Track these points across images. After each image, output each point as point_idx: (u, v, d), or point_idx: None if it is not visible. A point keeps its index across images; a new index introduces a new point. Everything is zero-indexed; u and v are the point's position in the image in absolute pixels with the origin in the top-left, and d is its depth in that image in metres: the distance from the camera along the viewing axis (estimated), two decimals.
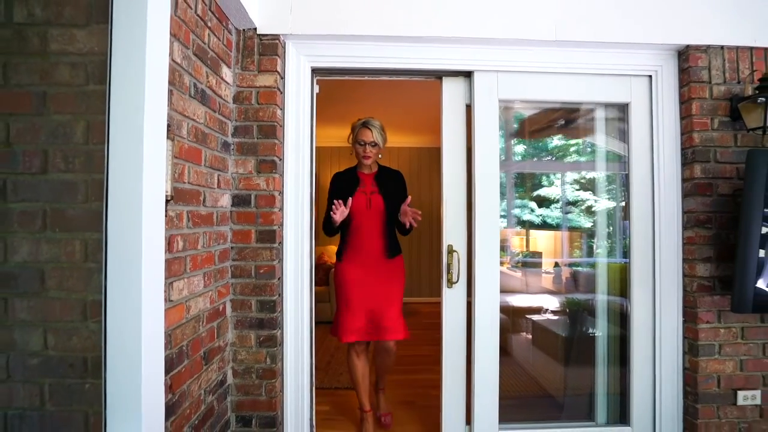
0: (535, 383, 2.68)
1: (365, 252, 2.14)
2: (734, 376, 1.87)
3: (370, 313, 2.10)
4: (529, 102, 2.10)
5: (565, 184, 2.52)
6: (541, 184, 2.68)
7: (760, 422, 1.87)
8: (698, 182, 1.88)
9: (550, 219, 3.00)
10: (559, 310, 2.91)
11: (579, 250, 2.61)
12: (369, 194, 2.14)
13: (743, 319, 1.87)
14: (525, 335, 3.18)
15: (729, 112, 1.89)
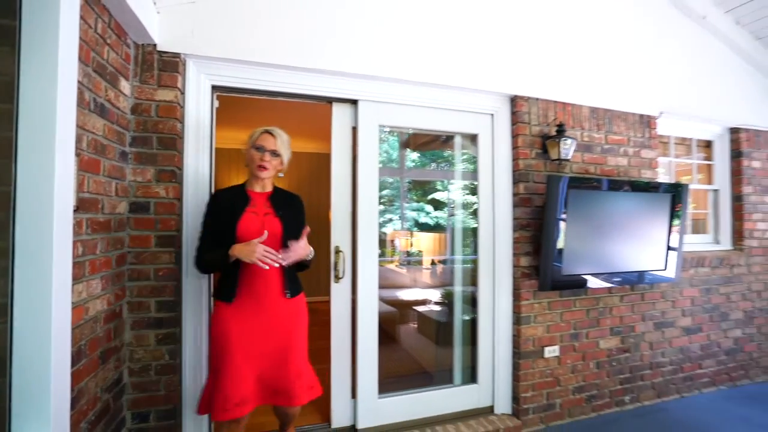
0: (415, 363, 3.20)
1: (258, 291, 1.65)
2: (543, 337, 2.59)
3: (261, 374, 1.63)
4: (403, 128, 2.56)
5: (449, 192, 3.08)
6: (435, 188, 3.23)
7: (559, 367, 2.63)
8: (522, 196, 2.55)
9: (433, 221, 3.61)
10: (436, 300, 3.51)
11: (449, 248, 3.20)
12: (262, 215, 1.69)
13: (549, 295, 2.60)
14: (411, 324, 3.73)
15: (541, 147, 2.60)
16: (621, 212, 2.63)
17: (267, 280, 1.67)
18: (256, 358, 1.63)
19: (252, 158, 1.72)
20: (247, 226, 1.65)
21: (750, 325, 3.37)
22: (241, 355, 1.60)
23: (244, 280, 1.65)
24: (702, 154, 3.54)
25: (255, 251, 1.53)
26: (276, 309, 1.68)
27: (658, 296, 2.98)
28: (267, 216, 1.71)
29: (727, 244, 3.46)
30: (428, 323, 3.44)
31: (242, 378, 1.59)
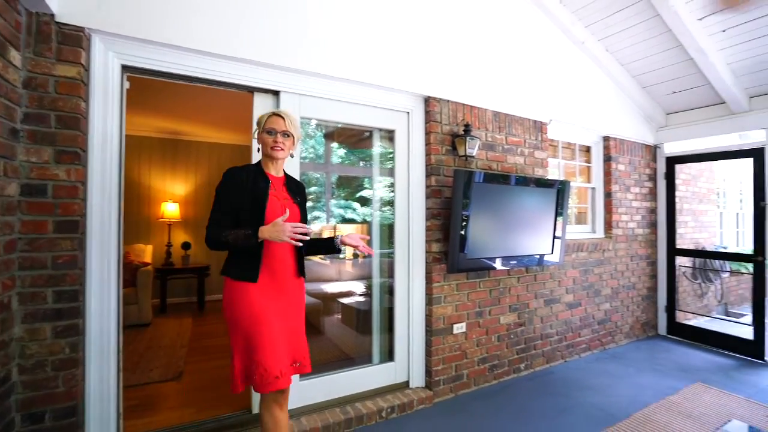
0: (338, 350, 3.32)
1: (277, 272, 1.70)
2: (452, 316, 2.89)
3: (291, 347, 1.72)
4: (325, 121, 2.67)
5: (374, 188, 3.22)
6: (363, 186, 3.33)
7: (466, 342, 2.95)
8: (434, 188, 2.82)
9: (360, 217, 3.75)
10: (359, 291, 3.66)
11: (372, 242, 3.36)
12: (282, 200, 1.74)
13: (457, 278, 2.91)
14: (336, 315, 3.84)
15: (451, 144, 2.89)
16: (518, 204, 3.03)
17: (285, 262, 1.73)
18: (285, 333, 1.69)
19: (265, 142, 1.73)
20: (274, 209, 1.68)
21: (615, 299, 4.08)
22: (276, 330, 1.64)
23: (267, 262, 1.68)
24: (584, 157, 4.18)
25: (285, 230, 1.56)
26: (291, 288, 1.75)
27: (547, 277, 3.48)
28: (287, 202, 1.75)
29: (601, 233, 4.14)
30: (351, 313, 3.59)
31: (279, 351, 1.63)
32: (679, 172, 4.60)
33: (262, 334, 1.60)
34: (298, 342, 1.76)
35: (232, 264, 1.68)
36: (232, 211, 1.66)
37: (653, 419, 2.53)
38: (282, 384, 1.61)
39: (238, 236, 1.59)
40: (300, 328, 1.79)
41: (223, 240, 1.60)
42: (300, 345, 1.76)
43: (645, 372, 3.34)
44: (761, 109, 3.74)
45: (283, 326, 1.68)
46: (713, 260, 5.19)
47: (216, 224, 1.65)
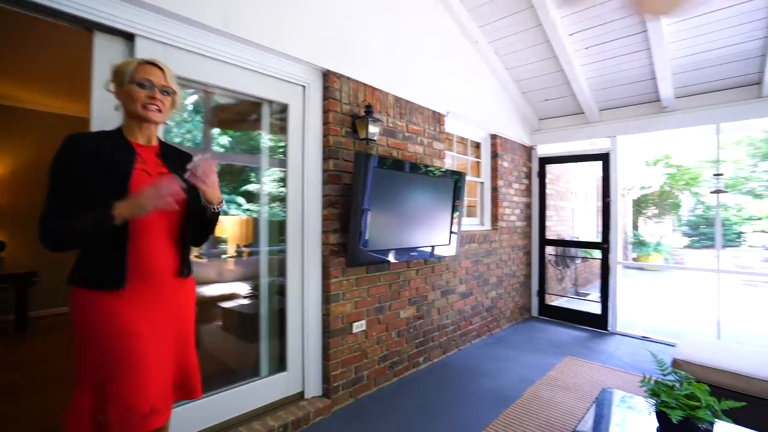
0: (219, 363, 2.78)
1: (153, 270, 1.28)
2: (351, 313, 2.64)
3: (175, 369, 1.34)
4: (200, 83, 2.15)
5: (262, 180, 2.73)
6: (249, 179, 2.78)
7: (366, 341, 2.74)
8: (332, 173, 2.53)
9: (246, 214, 3.18)
10: (243, 293, 3.13)
11: (259, 238, 2.90)
12: (157, 176, 1.31)
13: (357, 272, 2.67)
14: (215, 323, 3.24)
15: (351, 125, 2.64)
16: (419, 194, 2.94)
17: (160, 256, 1.30)
18: (165, 353, 1.28)
19: (134, 97, 1.27)
20: (140, 186, 1.21)
21: (500, 287, 4.38)
22: (150, 352, 1.22)
23: (137, 260, 1.24)
24: (474, 153, 4.38)
25: (159, 192, 1.14)
26: (171, 292, 1.33)
27: (444, 268, 3.50)
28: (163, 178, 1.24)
29: (488, 225, 4.39)
30: (234, 318, 3.07)
31: (153, 379, 1.22)
32: (547, 172, 5.18)
33: (127, 359, 1.19)
34: (185, 361, 1.38)
35: (83, 267, 1.23)
36: (77, 195, 1.19)
37: (539, 395, 2.69)
38: (155, 422, 1.21)
39: (87, 223, 1.15)
40: (187, 343, 1.40)
41: (64, 230, 1.16)
42: (187, 365, 1.39)
43: (527, 352, 3.61)
44: (607, 121, 4.40)
45: (162, 344, 1.28)
46: (570, 248, 6.04)
47: (53, 214, 1.17)
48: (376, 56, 2.84)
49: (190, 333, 1.42)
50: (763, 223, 11.16)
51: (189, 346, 1.40)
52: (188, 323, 1.41)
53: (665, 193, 12.26)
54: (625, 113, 4.27)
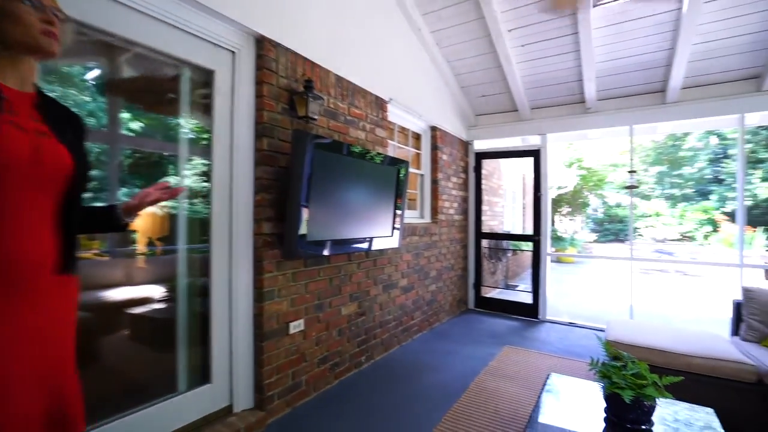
0: (126, 379, 2.30)
1: (21, 262, 0.91)
2: (288, 312, 2.35)
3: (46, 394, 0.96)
4: (106, 33, 1.71)
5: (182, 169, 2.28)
6: (167, 172, 2.28)
7: (304, 342, 2.47)
8: (266, 153, 2.22)
9: (161, 211, 2.66)
10: (156, 297, 2.65)
11: (178, 234, 2.47)
12: (33, 134, 0.94)
13: (294, 266, 2.39)
14: (123, 332, 2.71)
15: (288, 102, 2.35)
16: (362, 181, 2.73)
17: (34, 244, 0.94)
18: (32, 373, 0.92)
19: (20, 18, 0.92)
20: (9, 146, 0.88)
21: (440, 280, 4.36)
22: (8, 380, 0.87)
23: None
24: (414, 145, 4.30)
25: None
26: (45, 294, 0.96)
27: (386, 262, 3.35)
28: (42, 138, 0.95)
29: (428, 218, 4.34)
30: (145, 326, 2.59)
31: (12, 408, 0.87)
32: (482, 168, 5.31)
33: None
34: (60, 387, 0.99)
35: None
36: None
37: (485, 387, 2.65)
38: None
39: None
40: (64, 363, 1.02)
41: None
42: (64, 388, 1.00)
43: (468, 344, 3.61)
44: (538, 119, 4.61)
45: (30, 361, 0.92)
46: (502, 242, 6.30)
47: None
48: (318, 29, 2.57)
49: (69, 349, 1.04)
50: (652, 219, 12.91)
51: (66, 367, 1.03)
52: (66, 336, 1.04)
53: (577, 193, 13.58)
54: (554, 112, 4.51)
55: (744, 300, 2.67)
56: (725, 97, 3.65)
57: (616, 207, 13.57)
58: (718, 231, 11.80)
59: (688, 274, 9.35)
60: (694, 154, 14.57)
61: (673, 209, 13.07)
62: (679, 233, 12.46)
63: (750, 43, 3.27)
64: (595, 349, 3.54)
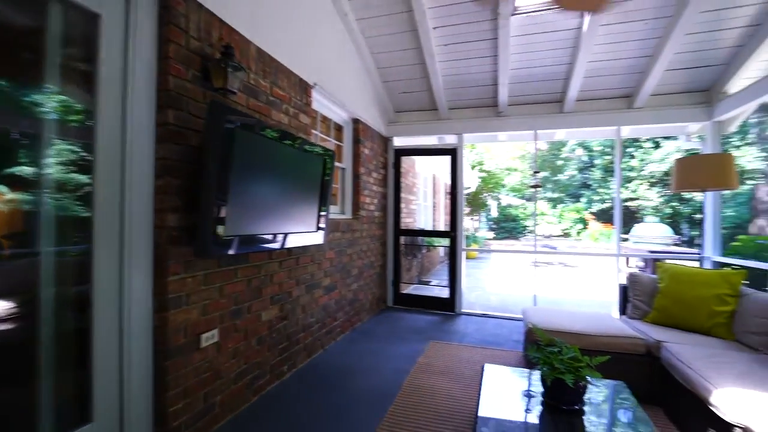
0: None
1: None
2: (199, 322, 1.96)
3: None
4: None
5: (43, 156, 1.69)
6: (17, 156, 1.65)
7: (219, 356, 2.09)
8: (172, 129, 1.80)
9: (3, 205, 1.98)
10: (2, 315, 1.98)
11: (40, 234, 1.88)
12: None
13: (206, 266, 2.01)
14: None
15: (201, 69, 1.96)
16: (287, 170, 2.44)
17: None
18: None
19: None
20: None
21: (361, 278, 4.23)
22: None
23: None
24: (336, 137, 4.09)
25: None
26: None
27: (309, 260, 3.08)
28: None
29: (349, 214, 4.18)
30: None
31: None
32: (401, 165, 5.33)
33: None
34: None
35: None
36: None
37: (418, 385, 2.59)
38: None
39: None
40: None
41: None
42: None
43: (393, 342, 3.54)
44: (455, 119, 4.79)
45: None
46: (417, 239, 6.44)
47: None
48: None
49: None
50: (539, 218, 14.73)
51: None
52: None
53: (477, 194, 14.80)
54: (469, 113, 4.72)
55: (629, 283, 3.08)
56: (607, 111, 4.23)
57: (510, 208, 15.20)
58: (587, 228, 14.06)
59: (568, 265, 10.87)
60: (563, 163, 17.07)
61: (554, 210, 15.20)
62: (560, 230, 14.54)
63: (627, 67, 3.82)
64: (509, 336, 3.79)
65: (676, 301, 2.66)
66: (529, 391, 1.87)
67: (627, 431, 1.56)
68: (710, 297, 2.53)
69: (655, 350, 2.40)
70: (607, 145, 15.82)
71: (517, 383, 1.99)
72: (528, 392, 1.86)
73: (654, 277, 2.95)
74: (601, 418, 1.66)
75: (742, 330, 2.39)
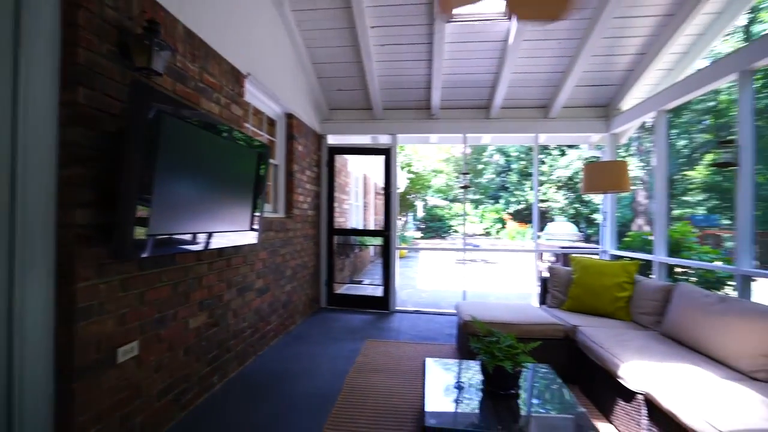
0: None
1: None
2: (115, 334, 1.71)
3: None
4: None
5: None
6: None
7: (139, 371, 1.85)
8: (83, 111, 1.54)
9: None
10: None
11: None
12: None
13: (124, 269, 1.76)
14: None
15: (118, 45, 1.71)
16: (217, 162, 2.24)
17: None
18: None
19: None
20: None
21: (294, 279, 4.08)
22: None
23: None
24: (268, 132, 3.88)
25: None
26: None
27: (241, 261, 2.88)
28: None
29: (282, 213, 4.00)
30: None
31: None
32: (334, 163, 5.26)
33: None
34: None
35: None
36: None
37: (359, 384, 2.56)
38: None
39: None
40: None
41: None
42: None
43: (329, 344, 3.46)
44: (390, 120, 4.87)
45: None
46: (350, 238, 6.41)
47: None
48: None
49: None
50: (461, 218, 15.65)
51: None
52: None
53: (405, 195, 15.22)
54: (404, 115, 4.83)
55: (549, 276, 3.41)
56: (527, 119, 4.64)
57: (436, 208, 15.95)
58: (506, 227, 15.33)
59: (489, 261, 11.69)
60: (483, 167, 18.41)
61: (476, 210, 16.32)
62: (482, 230, 15.65)
63: (544, 80, 4.23)
64: (441, 331, 3.94)
65: (586, 290, 3.01)
66: (459, 382, 1.95)
67: (557, 409, 1.71)
68: (613, 285, 2.90)
69: (572, 334, 2.69)
70: (522, 151, 17.52)
71: (457, 374, 2.07)
72: (459, 384, 1.95)
73: (569, 270, 3.30)
74: (534, 400, 1.80)
75: (637, 312, 2.78)
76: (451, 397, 1.81)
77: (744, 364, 1.89)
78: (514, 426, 1.57)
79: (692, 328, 2.22)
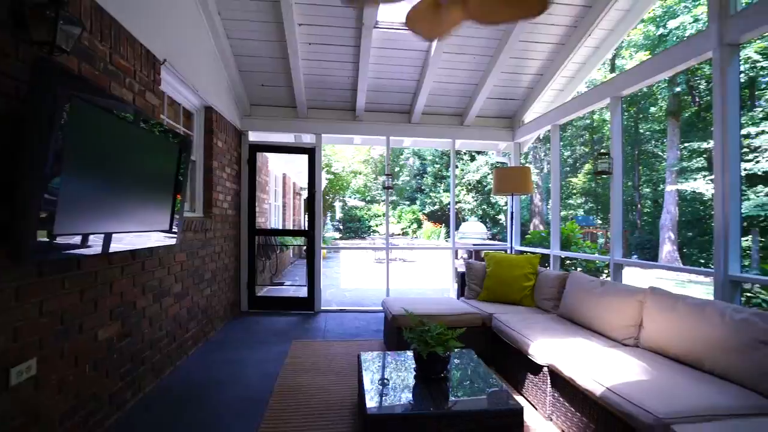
0: None
1: None
2: (6, 352, 1.46)
3: None
4: None
5: None
6: None
7: (37, 393, 1.59)
8: None
9: None
10: None
11: None
12: None
13: (18, 275, 1.51)
14: None
15: (10, 14, 1.47)
16: (133, 155, 2.03)
17: None
18: None
19: None
20: None
21: (214, 283, 3.83)
22: None
23: None
24: (185, 125, 3.59)
25: None
26: None
27: (156, 264, 2.64)
28: None
29: (200, 212, 3.73)
30: None
31: None
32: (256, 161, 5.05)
33: None
34: None
35: None
36: None
37: (290, 385, 2.52)
38: None
39: None
40: None
41: None
42: None
43: (255, 348, 3.33)
44: (315, 119, 4.84)
45: None
46: (271, 239, 6.19)
47: None
48: None
49: None
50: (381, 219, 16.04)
51: None
52: None
53: (324, 195, 15.11)
54: (328, 115, 4.84)
55: (466, 270, 3.74)
56: (445, 126, 5.00)
57: (355, 209, 16.12)
58: (422, 227, 16.16)
59: (407, 260, 12.20)
60: (399, 169, 19.17)
61: (394, 211, 16.89)
62: (400, 229, 16.29)
63: (461, 90, 4.62)
64: (367, 327, 4.06)
65: (498, 282, 3.37)
66: (393, 372, 2.08)
67: (482, 387, 1.92)
68: (520, 276, 3.31)
69: (488, 321, 3.00)
70: (437, 155, 18.68)
71: (390, 364, 2.18)
72: (394, 373, 2.07)
73: (483, 264, 3.66)
74: (462, 381, 1.99)
75: (540, 298, 3.22)
76: (388, 385, 1.91)
77: (617, 334, 2.33)
78: (446, 404, 1.73)
79: (581, 308, 2.65)
